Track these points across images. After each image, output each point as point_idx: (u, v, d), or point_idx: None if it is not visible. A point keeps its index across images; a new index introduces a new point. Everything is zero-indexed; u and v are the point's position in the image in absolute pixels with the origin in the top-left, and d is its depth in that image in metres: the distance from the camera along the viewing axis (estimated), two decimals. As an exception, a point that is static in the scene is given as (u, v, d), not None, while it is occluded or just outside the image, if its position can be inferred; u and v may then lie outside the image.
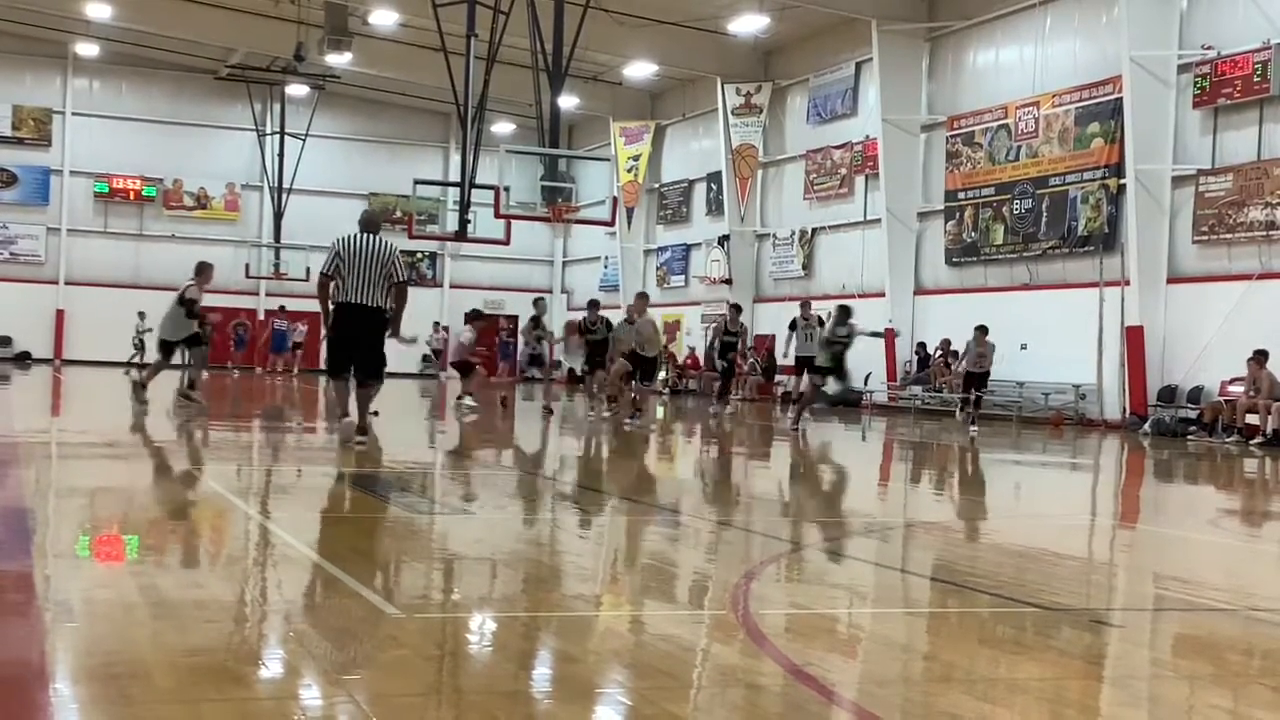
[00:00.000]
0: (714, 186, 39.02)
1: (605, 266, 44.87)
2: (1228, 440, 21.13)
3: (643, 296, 21.77)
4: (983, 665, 4.69)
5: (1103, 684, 4.61)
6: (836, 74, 34.02)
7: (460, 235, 29.08)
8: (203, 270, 18.23)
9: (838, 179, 34.04)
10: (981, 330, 22.29)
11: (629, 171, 42.49)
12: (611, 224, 29.66)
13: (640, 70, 38.56)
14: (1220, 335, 22.96)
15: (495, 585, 6.01)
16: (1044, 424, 25.62)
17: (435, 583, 6.02)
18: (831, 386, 21.14)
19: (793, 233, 35.77)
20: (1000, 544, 8.52)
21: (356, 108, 46.50)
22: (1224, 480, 15.57)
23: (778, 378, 33.15)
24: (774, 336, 33.16)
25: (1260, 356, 21.37)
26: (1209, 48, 23.87)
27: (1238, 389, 21.78)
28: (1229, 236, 23.72)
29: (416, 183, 31.88)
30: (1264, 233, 23.05)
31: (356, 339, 12.21)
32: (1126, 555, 8.59)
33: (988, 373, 22.50)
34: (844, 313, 20.03)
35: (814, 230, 35.06)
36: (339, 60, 37.60)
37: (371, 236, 12.28)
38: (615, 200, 30.58)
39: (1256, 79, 23.01)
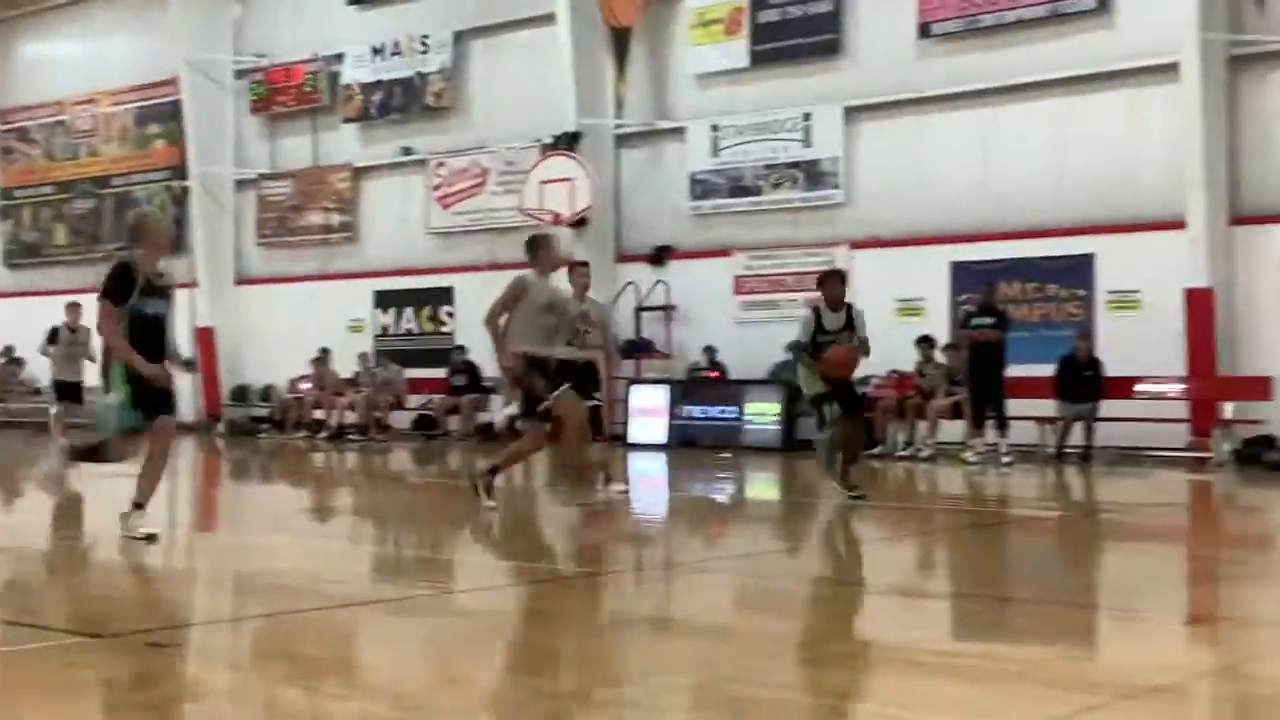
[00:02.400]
0: None
1: None
2: (298, 436, 21.90)
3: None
4: None
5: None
6: None
7: None
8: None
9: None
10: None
11: None
12: None
13: None
14: (288, 335, 23.74)
15: None
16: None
17: None
18: None
19: None
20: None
21: None
22: (292, 475, 16.09)
23: None
24: None
25: (324, 355, 22.38)
26: (263, 56, 24.59)
27: (305, 386, 22.65)
28: (291, 239, 24.62)
29: None
30: (322, 236, 24.20)
31: None
32: (194, 564, 8.53)
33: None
34: None
35: None
36: None
37: None
38: None
39: (308, 89, 24.07)
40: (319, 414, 22.18)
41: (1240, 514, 12.76)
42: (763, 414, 18.46)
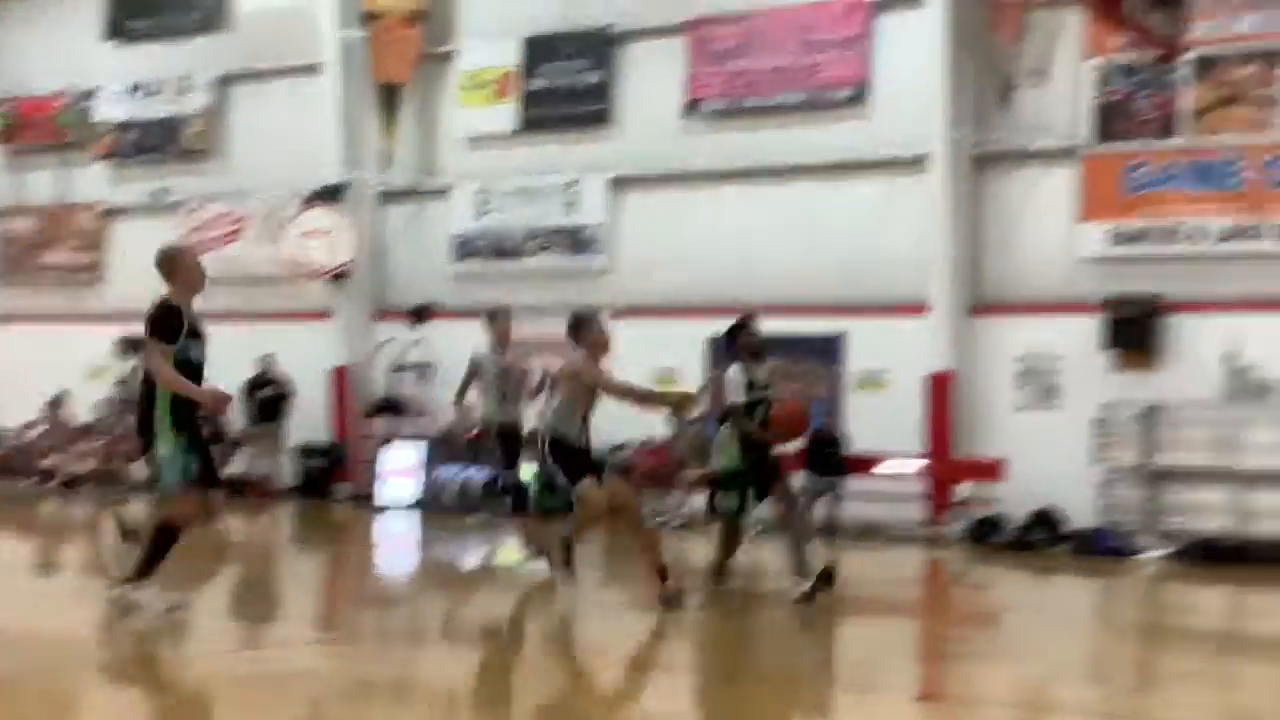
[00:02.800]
0: None
1: None
2: (28, 482, 20.82)
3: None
4: None
5: None
6: None
7: None
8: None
9: None
10: None
11: None
12: None
13: None
14: (24, 376, 22.58)
15: None
16: None
17: None
18: None
19: None
20: None
21: None
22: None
23: None
24: None
25: (58, 400, 21.43)
26: (14, 88, 23.61)
27: (36, 431, 21.58)
28: (35, 276, 23.57)
29: None
30: (67, 275, 23.22)
31: None
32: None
33: None
34: None
35: None
36: None
37: None
38: None
39: (59, 123, 23.16)
40: (49, 462, 21.15)
41: (969, 592, 13.25)
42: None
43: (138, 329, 8.09)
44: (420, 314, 20.11)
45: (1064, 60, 16.17)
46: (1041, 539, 15.35)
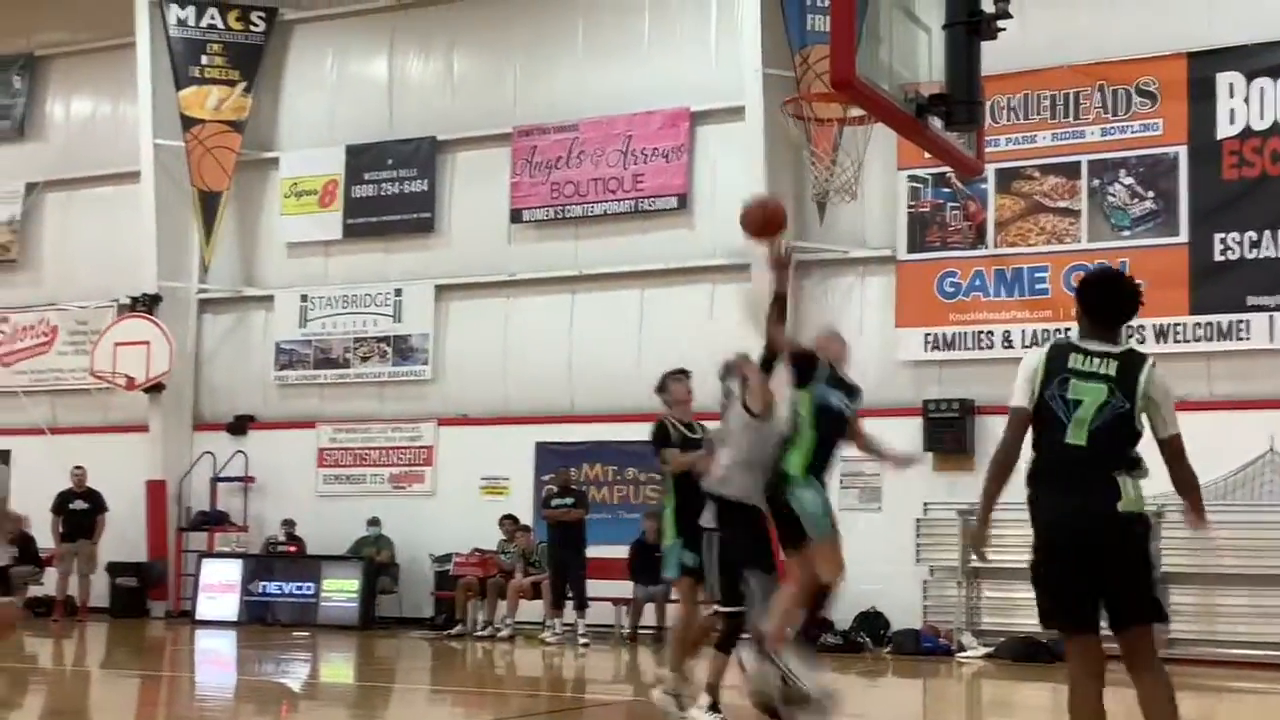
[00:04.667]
0: None
1: None
2: None
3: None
4: None
5: None
6: None
7: None
8: None
9: None
10: None
11: None
12: None
13: None
14: None
15: None
16: None
17: None
18: None
19: None
20: None
21: None
22: None
23: None
24: None
25: None
26: None
27: None
28: None
29: None
30: None
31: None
32: None
33: None
34: None
35: None
36: None
37: None
38: None
39: None
40: None
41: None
42: (341, 590, 17.98)
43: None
44: (240, 425, 19.71)
45: (878, 172, 16.71)
46: (866, 641, 15.51)
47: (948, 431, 16.08)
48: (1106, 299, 5.68)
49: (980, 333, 16.26)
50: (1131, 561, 5.39)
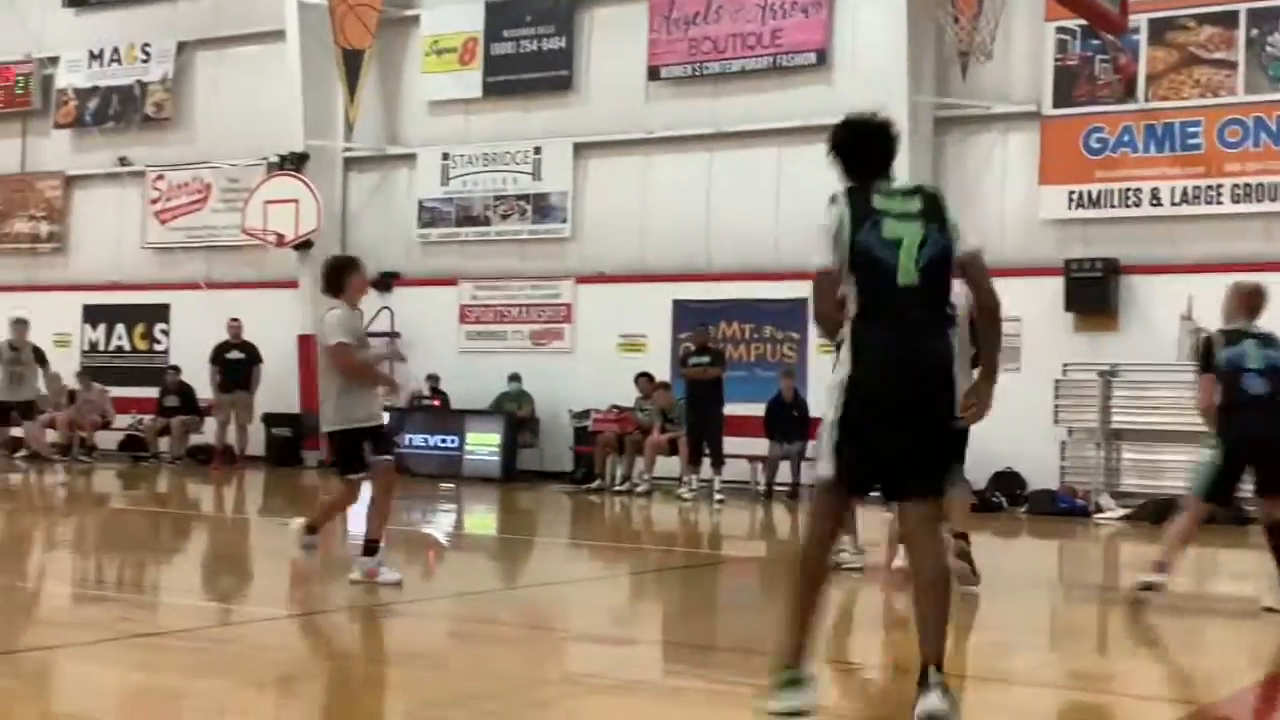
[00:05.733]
0: None
1: None
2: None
3: None
4: None
5: None
6: None
7: None
8: None
9: None
10: None
11: None
12: None
13: None
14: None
15: None
16: None
17: None
18: None
19: None
20: None
21: None
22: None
23: None
24: None
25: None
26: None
27: None
28: (-3, 247, 23.46)
29: None
30: (29, 246, 23.09)
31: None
32: None
33: None
34: None
35: None
36: None
37: None
38: None
39: (19, 91, 23.00)
40: (17, 431, 21.06)
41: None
42: (484, 444, 18.46)
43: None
44: (385, 281, 20.12)
45: (1024, 25, 16.25)
46: (1001, 500, 15.53)
47: (1090, 291, 15.83)
48: (857, 144, 5.48)
49: (1128, 190, 15.87)
50: (939, 420, 5.12)
